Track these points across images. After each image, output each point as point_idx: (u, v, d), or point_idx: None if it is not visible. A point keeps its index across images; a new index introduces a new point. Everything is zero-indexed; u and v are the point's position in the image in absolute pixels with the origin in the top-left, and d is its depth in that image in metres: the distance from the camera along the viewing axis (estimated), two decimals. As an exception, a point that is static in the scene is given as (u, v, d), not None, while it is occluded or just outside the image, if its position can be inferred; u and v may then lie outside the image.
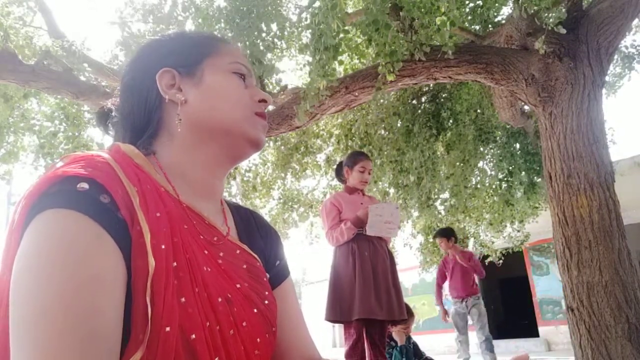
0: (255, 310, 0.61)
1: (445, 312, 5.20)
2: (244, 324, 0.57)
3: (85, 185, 0.49)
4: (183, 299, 0.50)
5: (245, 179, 5.66)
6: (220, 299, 0.55)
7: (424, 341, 9.74)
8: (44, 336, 0.42)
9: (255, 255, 0.68)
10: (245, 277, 0.63)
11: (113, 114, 0.70)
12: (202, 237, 0.60)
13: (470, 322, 5.02)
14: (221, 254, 0.61)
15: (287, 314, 0.72)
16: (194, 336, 0.50)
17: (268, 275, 0.71)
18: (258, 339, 0.59)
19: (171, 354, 0.47)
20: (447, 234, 5.05)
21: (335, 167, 3.18)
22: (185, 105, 0.65)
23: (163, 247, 0.51)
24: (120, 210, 0.50)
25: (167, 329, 0.47)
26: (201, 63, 0.67)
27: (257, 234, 0.75)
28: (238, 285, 0.60)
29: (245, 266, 0.65)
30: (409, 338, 3.78)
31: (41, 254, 0.45)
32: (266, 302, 0.64)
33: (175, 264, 0.52)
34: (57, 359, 0.42)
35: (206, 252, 0.58)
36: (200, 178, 0.65)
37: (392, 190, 5.80)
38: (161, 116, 0.66)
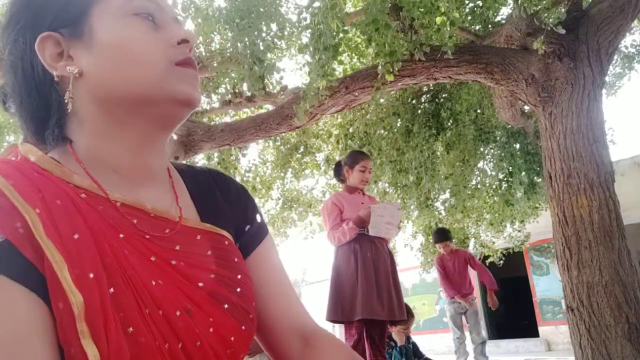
0: (225, 306, 0.51)
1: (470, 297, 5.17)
2: (211, 329, 0.49)
3: None
4: (131, 329, 0.42)
5: (245, 179, 5.66)
6: (178, 312, 0.46)
7: (424, 341, 9.75)
8: None
9: (222, 232, 0.57)
10: (210, 266, 0.52)
11: (7, 102, 0.54)
12: (147, 237, 0.49)
13: (465, 322, 5.04)
14: (177, 247, 0.51)
15: (266, 282, 0.61)
16: None
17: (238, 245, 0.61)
18: (232, 338, 0.50)
19: None
20: (448, 236, 5.06)
21: (334, 166, 3.18)
22: (81, 78, 0.49)
23: (91, 275, 0.41)
24: (20, 248, 0.40)
25: None
26: (87, 14, 0.50)
27: (221, 200, 0.62)
28: (201, 284, 0.50)
29: (210, 252, 0.54)
30: (408, 338, 3.79)
31: None
32: (239, 289, 0.53)
33: (112, 290, 0.42)
34: None
35: (153, 258, 0.48)
36: (129, 162, 0.52)
37: (391, 190, 5.81)
38: (60, 96, 0.50)
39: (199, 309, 0.48)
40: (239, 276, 0.55)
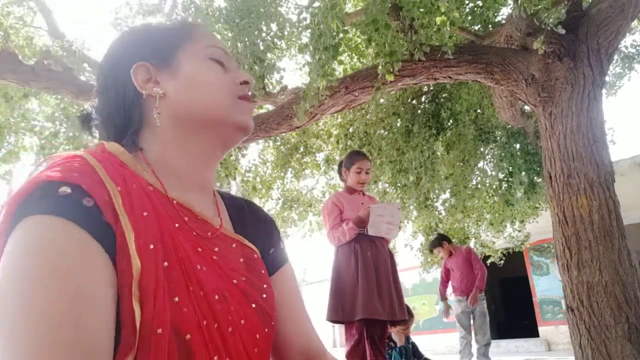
0: (253, 306, 0.59)
1: (448, 308, 5.21)
2: (242, 321, 0.56)
3: (67, 190, 0.47)
4: (176, 299, 0.49)
5: (245, 179, 5.66)
6: (217, 297, 0.54)
7: (424, 341, 9.75)
8: (29, 349, 0.41)
9: (252, 247, 0.66)
10: (242, 271, 0.62)
11: (93, 116, 0.68)
12: (194, 233, 0.58)
13: (472, 322, 5.04)
14: (216, 249, 0.60)
15: (285, 303, 0.70)
16: (189, 336, 0.49)
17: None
18: (257, 335, 0.58)
19: (164, 356, 0.46)
20: (440, 242, 5.11)
21: (337, 166, 3.17)
22: (164, 98, 0.63)
23: (151, 246, 0.49)
24: (104, 213, 0.49)
25: (159, 330, 0.46)
26: (175, 52, 0.65)
27: (252, 223, 0.73)
28: (235, 281, 0.59)
29: (242, 260, 0.63)
30: (407, 338, 3.79)
31: (25, 263, 0.44)
32: (264, 295, 0.62)
33: (166, 263, 0.50)
34: None
35: (200, 249, 0.57)
36: (189, 171, 0.64)
37: (391, 190, 5.81)
38: (142, 112, 0.64)
39: (234, 300, 0.57)
40: (265, 285, 0.64)
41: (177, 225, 0.56)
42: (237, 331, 0.55)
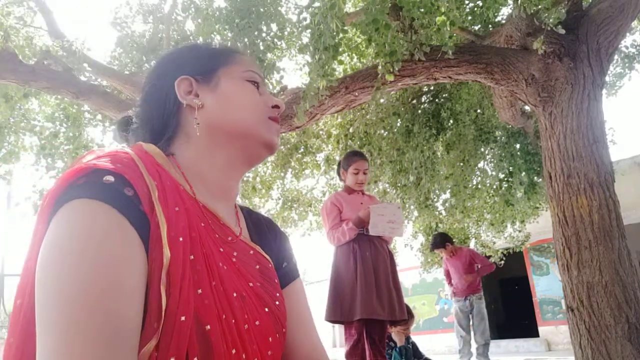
0: (266, 309, 0.62)
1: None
2: (257, 322, 0.59)
3: (111, 178, 0.51)
4: (200, 291, 0.53)
5: (245, 178, 5.66)
6: (235, 294, 0.57)
7: (424, 341, 9.75)
8: (69, 325, 0.43)
9: (268, 257, 0.71)
10: (257, 277, 0.65)
11: (134, 120, 0.74)
12: (217, 235, 0.62)
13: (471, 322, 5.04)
14: (235, 254, 0.64)
15: (295, 316, 0.73)
16: (209, 327, 0.51)
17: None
18: (270, 338, 0.61)
19: (185, 343, 0.49)
20: (443, 243, 5.08)
21: (336, 166, 3.17)
22: (202, 110, 0.68)
23: (181, 239, 0.53)
24: (142, 203, 0.52)
25: (182, 318, 0.49)
26: (217, 71, 0.71)
27: (268, 236, 0.78)
28: (251, 284, 0.62)
29: (257, 266, 0.67)
30: (408, 338, 3.78)
31: (68, 242, 0.47)
32: (277, 302, 0.66)
33: (192, 256, 0.54)
34: (82, 349, 0.43)
35: (221, 249, 0.61)
36: (216, 179, 0.68)
37: (391, 190, 5.80)
38: (179, 121, 0.69)
39: (250, 301, 0.60)
40: (278, 294, 0.68)
41: (202, 224, 0.60)
42: (252, 330, 0.58)
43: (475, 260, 5.06)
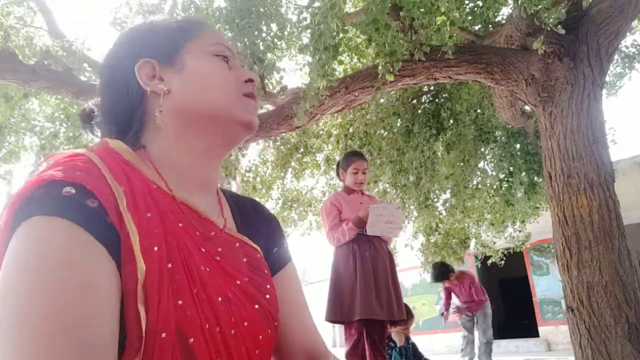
0: (256, 306, 0.59)
1: (447, 314, 5.28)
2: (245, 323, 0.56)
3: (71, 190, 0.46)
4: (180, 302, 0.49)
5: (245, 179, 5.66)
6: (220, 299, 0.54)
7: (424, 341, 9.75)
8: (29, 352, 0.39)
9: (256, 246, 0.66)
10: (245, 271, 0.61)
11: (95, 113, 0.67)
12: (198, 233, 0.58)
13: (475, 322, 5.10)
14: (219, 249, 0.60)
15: (288, 302, 0.69)
16: (192, 340, 0.48)
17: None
18: (260, 336, 0.58)
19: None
20: (447, 275, 5.08)
21: (335, 166, 3.17)
22: (168, 95, 0.62)
23: (156, 249, 0.49)
24: (109, 214, 0.47)
25: (163, 334, 0.46)
26: (180, 50, 0.64)
27: (256, 222, 0.73)
28: (238, 282, 0.58)
29: (245, 259, 0.63)
30: (407, 339, 3.78)
31: (25, 267, 0.43)
32: (267, 296, 0.62)
33: (170, 265, 0.50)
34: None
35: (203, 249, 0.56)
36: (193, 169, 0.63)
37: (391, 190, 5.80)
38: (145, 109, 0.63)
39: (237, 301, 0.56)
40: (268, 286, 0.64)
41: (180, 225, 0.55)
42: (239, 333, 0.54)
43: (472, 289, 5.14)
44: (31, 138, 4.88)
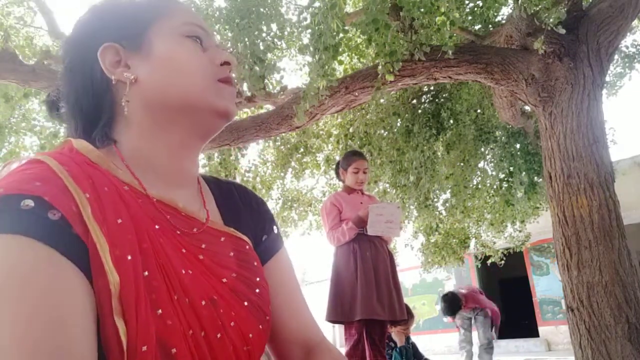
0: (245, 304, 0.55)
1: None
2: (232, 324, 0.52)
3: (30, 203, 0.42)
4: (160, 311, 0.45)
5: (245, 179, 5.66)
6: (204, 302, 0.50)
7: (424, 341, 9.75)
8: None
9: (244, 237, 0.62)
10: (232, 266, 0.57)
11: (60, 103, 0.61)
12: (178, 232, 0.54)
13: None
14: (203, 246, 0.56)
15: (280, 291, 0.65)
16: (174, 350, 0.45)
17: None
18: (250, 335, 0.54)
19: None
20: (457, 310, 4.99)
21: (334, 166, 3.17)
22: (136, 84, 0.56)
23: (129, 257, 0.45)
24: (73, 225, 0.44)
25: (144, 348, 0.43)
26: (147, 31, 0.57)
27: (243, 209, 0.68)
28: (224, 280, 0.55)
29: (232, 253, 0.59)
30: (408, 339, 3.78)
31: None
32: (257, 290, 0.58)
33: (146, 273, 0.46)
34: None
35: (184, 250, 0.53)
36: (168, 164, 0.58)
37: (391, 190, 5.80)
38: (113, 100, 0.57)
39: (223, 302, 0.53)
40: (258, 279, 0.60)
41: (157, 227, 0.51)
42: (225, 336, 0.51)
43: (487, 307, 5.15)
44: (31, 138, 4.89)
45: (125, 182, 0.53)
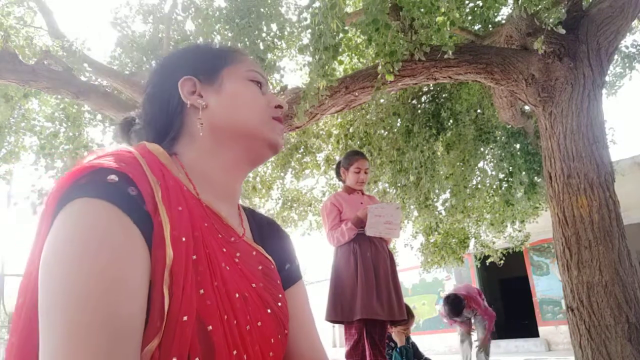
0: (268, 311, 0.62)
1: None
2: (259, 323, 0.59)
3: (115, 178, 0.51)
4: (202, 291, 0.52)
5: (245, 178, 5.66)
6: (237, 295, 0.57)
7: (424, 341, 9.75)
8: (72, 325, 0.43)
9: (270, 258, 0.71)
10: (260, 277, 0.65)
11: (136, 122, 0.74)
12: (220, 235, 0.62)
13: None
14: (238, 254, 0.64)
15: (297, 318, 0.73)
16: (210, 327, 0.51)
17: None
18: (272, 340, 0.61)
19: (187, 343, 0.48)
20: (458, 313, 4.93)
21: (335, 166, 3.17)
22: (206, 110, 0.68)
23: (183, 239, 0.53)
24: (146, 203, 0.52)
25: (185, 318, 0.49)
26: (220, 71, 0.71)
27: (271, 237, 0.78)
28: (253, 285, 0.62)
29: (260, 267, 0.67)
30: (408, 339, 3.78)
31: (71, 240, 0.47)
32: (279, 304, 0.66)
33: (195, 256, 0.54)
34: (84, 349, 0.43)
35: (224, 250, 0.61)
36: (219, 180, 0.68)
37: (391, 190, 5.80)
38: (183, 121, 0.69)
39: (252, 301, 0.60)
40: (280, 295, 0.68)
41: (205, 224, 0.59)
42: (254, 331, 0.58)
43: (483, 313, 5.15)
44: (31, 138, 4.88)
45: (184, 184, 0.61)
